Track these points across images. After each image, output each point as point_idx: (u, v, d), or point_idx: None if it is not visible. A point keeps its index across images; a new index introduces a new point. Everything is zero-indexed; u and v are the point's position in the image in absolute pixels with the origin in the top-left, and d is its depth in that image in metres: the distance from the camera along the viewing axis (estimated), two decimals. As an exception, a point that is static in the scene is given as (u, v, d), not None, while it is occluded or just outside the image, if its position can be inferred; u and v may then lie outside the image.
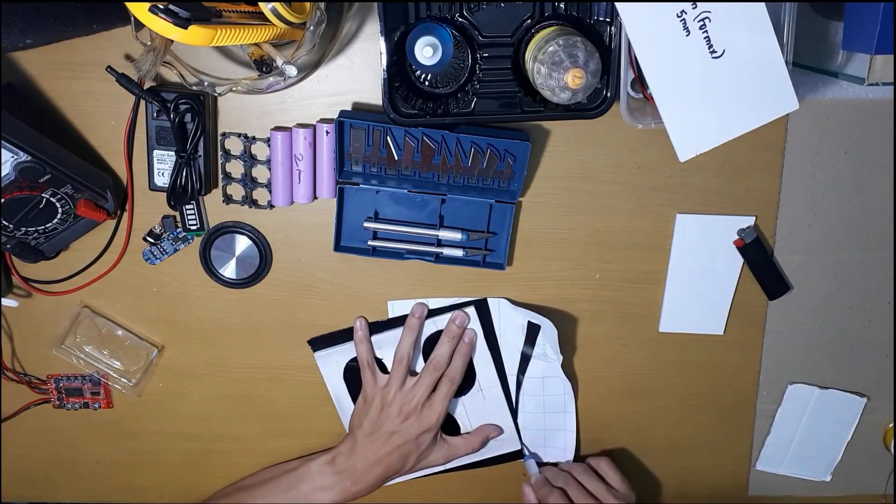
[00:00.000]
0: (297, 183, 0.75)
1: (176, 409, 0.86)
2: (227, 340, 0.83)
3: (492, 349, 0.82)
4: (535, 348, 0.81)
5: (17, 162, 0.66)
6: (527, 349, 0.82)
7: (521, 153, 0.72)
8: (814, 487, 0.92)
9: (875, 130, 0.77)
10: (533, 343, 0.81)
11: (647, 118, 0.68)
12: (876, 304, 0.84)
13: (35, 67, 0.72)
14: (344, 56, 0.73)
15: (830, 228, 0.80)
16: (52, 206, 0.70)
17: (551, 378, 0.83)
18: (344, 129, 0.71)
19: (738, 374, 0.86)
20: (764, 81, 0.62)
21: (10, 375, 0.83)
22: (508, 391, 0.84)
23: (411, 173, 0.74)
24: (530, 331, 0.81)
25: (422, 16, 0.65)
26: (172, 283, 0.80)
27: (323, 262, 0.80)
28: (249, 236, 0.78)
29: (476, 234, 0.77)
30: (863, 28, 0.64)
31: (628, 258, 0.80)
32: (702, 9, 0.60)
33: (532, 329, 0.80)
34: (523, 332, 0.81)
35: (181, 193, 0.73)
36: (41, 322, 0.81)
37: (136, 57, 0.66)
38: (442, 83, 0.68)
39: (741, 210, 0.79)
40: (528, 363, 0.82)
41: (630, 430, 0.88)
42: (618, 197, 0.78)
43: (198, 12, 0.54)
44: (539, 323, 0.79)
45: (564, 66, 0.59)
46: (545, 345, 0.81)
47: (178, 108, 0.70)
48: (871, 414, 0.88)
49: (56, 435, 0.87)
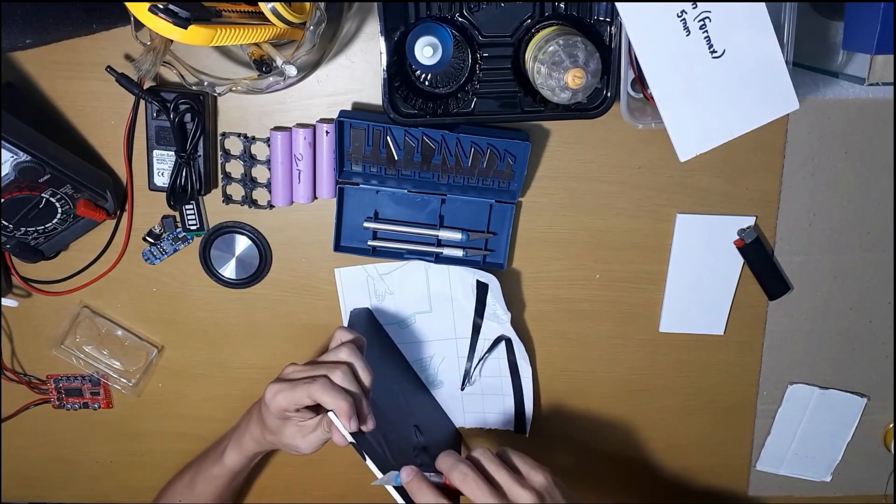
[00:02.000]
0: (297, 183, 0.74)
1: (176, 409, 0.86)
2: (227, 340, 0.83)
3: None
4: (486, 309, 0.80)
5: (17, 162, 0.66)
6: (477, 318, 0.81)
7: (522, 153, 0.72)
8: (814, 488, 0.92)
9: (875, 130, 0.77)
10: (483, 304, 0.80)
11: (647, 118, 0.68)
12: (876, 304, 0.84)
13: (35, 67, 0.72)
14: (344, 56, 0.73)
15: (830, 228, 0.80)
16: (51, 206, 0.70)
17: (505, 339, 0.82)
18: (344, 129, 0.71)
19: (739, 374, 0.86)
20: (764, 81, 0.62)
21: (10, 375, 0.83)
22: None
23: (411, 173, 0.74)
24: (480, 290, 0.79)
25: (422, 16, 0.65)
26: (172, 283, 0.80)
27: (323, 262, 0.80)
28: (249, 236, 0.78)
29: (476, 234, 0.77)
30: (863, 28, 0.64)
31: (628, 258, 0.80)
32: (702, 9, 0.60)
33: (482, 288, 0.79)
34: (473, 293, 0.79)
35: (181, 193, 0.73)
36: (41, 322, 0.81)
37: (136, 57, 0.66)
38: (442, 83, 0.68)
39: (741, 210, 0.79)
40: (480, 330, 0.81)
41: (630, 429, 0.88)
42: (618, 197, 0.78)
43: (198, 12, 0.54)
44: (486, 281, 0.78)
45: (564, 66, 0.59)
46: (495, 304, 0.79)
47: (177, 108, 0.70)
48: (872, 414, 0.88)
49: (56, 435, 0.87)
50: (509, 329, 0.80)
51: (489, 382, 0.84)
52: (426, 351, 0.84)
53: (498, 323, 0.80)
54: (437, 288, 0.80)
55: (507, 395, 0.85)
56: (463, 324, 0.82)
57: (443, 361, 0.84)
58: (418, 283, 0.80)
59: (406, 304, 0.81)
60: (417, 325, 0.83)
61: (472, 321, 0.81)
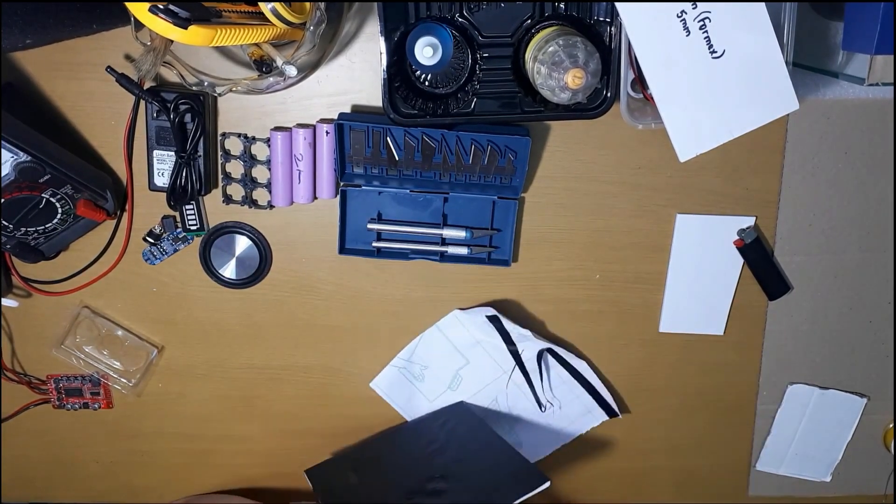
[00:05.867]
0: (297, 183, 0.74)
1: (176, 409, 0.86)
2: (227, 340, 0.83)
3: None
4: (511, 335, 0.81)
5: (17, 162, 0.66)
6: (510, 347, 0.82)
7: (522, 148, 0.72)
8: (814, 488, 0.92)
9: (875, 130, 0.77)
10: (506, 332, 0.81)
11: (647, 118, 0.68)
12: (876, 304, 0.84)
13: (35, 67, 0.72)
14: (344, 56, 0.73)
15: (830, 228, 0.80)
16: (51, 206, 0.70)
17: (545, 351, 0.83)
18: (344, 132, 0.71)
19: (738, 374, 0.86)
20: (764, 81, 0.62)
21: (10, 376, 0.83)
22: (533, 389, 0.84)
23: (413, 173, 0.74)
24: (495, 323, 0.81)
25: (422, 16, 0.65)
26: (172, 283, 0.80)
27: (323, 262, 0.80)
28: (249, 236, 0.78)
29: (480, 232, 0.77)
30: (863, 28, 0.64)
31: (628, 258, 0.80)
32: (702, 9, 0.60)
33: (494, 321, 0.80)
34: (492, 327, 0.81)
35: (181, 193, 0.73)
36: (41, 322, 0.81)
37: (136, 57, 0.66)
38: (442, 83, 0.68)
39: (741, 210, 0.79)
40: (520, 355, 0.82)
41: (630, 430, 0.88)
42: (618, 197, 0.78)
43: (198, 12, 0.54)
44: (491, 314, 0.80)
45: (564, 66, 0.59)
46: (514, 328, 0.80)
47: (178, 108, 0.70)
48: (871, 414, 0.88)
49: (56, 435, 0.87)
50: (541, 341, 0.81)
51: (559, 393, 0.85)
52: (487, 397, 0.85)
53: (529, 341, 0.81)
54: (460, 339, 0.82)
55: (580, 394, 0.85)
56: (501, 358, 0.83)
57: (507, 398, 0.85)
58: (442, 344, 0.82)
59: (445, 368, 0.83)
60: (466, 381, 0.84)
61: (508, 352, 0.82)
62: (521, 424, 0.86)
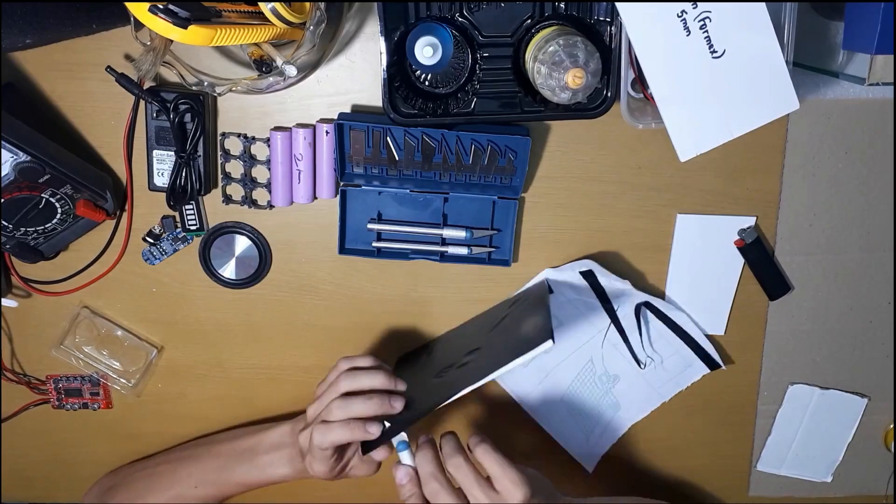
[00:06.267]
0: (297, 183, 0.74)
1: (176, 409, 0.86)
2: (227, 341, 0.83)
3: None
4: (605, 290, 0.79)
5: (16, 162, 0.66)
6: (605, 304, 0.80)
7: (522, 148, 0.72)
8: (814, 488, 0.92)
9: (875, 130, 0.77)
10: (601, 287, 0.79)
11: (648, 118, 0.68)
12: (876, 304, 0.84)
13: (35, 67, 0.72)
14: (344, 56, 0.73)
15: (831, 228, 0.80)
16: (51, 206, 0.70)
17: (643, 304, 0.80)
18: (343, 132, 0.71)
19: (739, 374, 0.86)
20: (764, 81, 0.62)
21: (10, 376, 0.83)
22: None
23: (413, 173, 0.74)
24: (589, 279, 0.79)
25: (422, 16, 0.65)
26: (172, 283, 0.80)
27: (323, 262, 0.80)
28: (249, 236, 0.78)
29: (480, 232, 0.77)
30: (863, 28, 0.64)
31: (628, 258, 0.80)
32: (702, 9, 0.60)
33: (588, 276, 0.79)
34: (584, 283, 0.79)
35: (181, 193, 0.73)
36: (41, 322, 0.81)
37: (135, 57, 0.66)
38: (442, 83, 0.68)
39: (741, 210, 0.79)
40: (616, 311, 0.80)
41: (630, 430, 0.88)
42: (618, 197, 0.78)
43: (197, 12, 0.54)
44: (586, 268, 0.78)
45: (564, 66, 0.59)
46: (609, 280, 0.79)
47: (177, 108, 0.70)
48: (872, 414, 0.88)
49: (56, 435, 0.87)
50: (639, 293, 0.80)
51: (659, 347, 0.82)
52: (582, 358, 0.83)
53: (626, 295, 0.80)
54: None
55: (680, 348, 0.82)
56: (593, 315, 0.81)
57: (603, 359, 0.83)
58: None
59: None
60: (559, 343, 0.81)
61: (603, 310, 0.80)
62: (618, 385, 0.84)
